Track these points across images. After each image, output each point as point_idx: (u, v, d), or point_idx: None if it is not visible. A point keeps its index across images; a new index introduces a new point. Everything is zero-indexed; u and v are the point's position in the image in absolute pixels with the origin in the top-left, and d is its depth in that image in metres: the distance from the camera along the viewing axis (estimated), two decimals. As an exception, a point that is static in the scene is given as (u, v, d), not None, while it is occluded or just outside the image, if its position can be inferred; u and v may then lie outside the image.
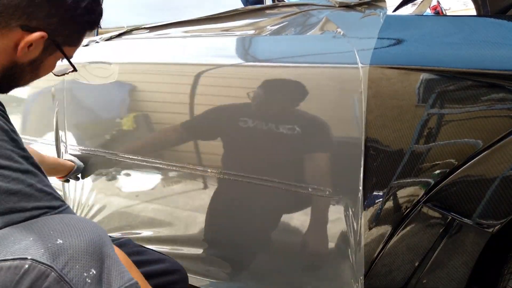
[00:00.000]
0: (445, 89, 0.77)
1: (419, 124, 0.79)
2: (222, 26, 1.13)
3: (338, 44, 0.89)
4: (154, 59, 1.21)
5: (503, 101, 0.72)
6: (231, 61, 1.04)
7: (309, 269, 1.01)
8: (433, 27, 0.83)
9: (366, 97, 0.83)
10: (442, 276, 0.84)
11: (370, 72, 0.82)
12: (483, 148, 0.75)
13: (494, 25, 0.80)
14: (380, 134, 0.83)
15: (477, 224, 0.77)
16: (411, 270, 0.87)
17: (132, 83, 1.22)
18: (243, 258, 1.12)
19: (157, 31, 1.26)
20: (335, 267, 0.96)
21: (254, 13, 1.08)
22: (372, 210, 0.87)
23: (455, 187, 0.79)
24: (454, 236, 0.81)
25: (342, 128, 0.87)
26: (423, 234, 0.84)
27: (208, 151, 1.10)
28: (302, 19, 0.99)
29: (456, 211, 0.79)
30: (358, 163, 0.85)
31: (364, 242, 0.89)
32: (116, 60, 1.26)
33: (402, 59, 0.80)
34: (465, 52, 0.76)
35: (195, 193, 1.16)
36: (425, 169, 0.81)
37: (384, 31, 0.85)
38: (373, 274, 0.91)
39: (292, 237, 1.01)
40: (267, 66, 0.97)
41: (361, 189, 0.87)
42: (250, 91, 1.01)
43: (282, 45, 0.98)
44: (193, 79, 1.10)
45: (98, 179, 1.41)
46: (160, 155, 1.19)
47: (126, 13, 1.47)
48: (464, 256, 0.81)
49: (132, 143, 1.26)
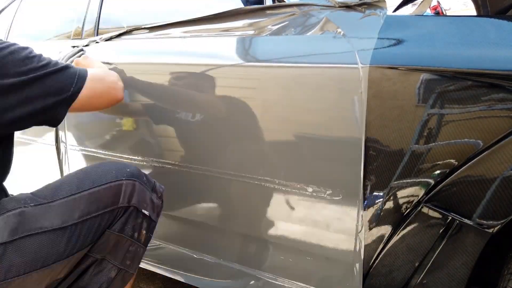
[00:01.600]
0: (445, 89, 0.77)
1: (419, 124, 0.79)
2: (222, 26, 1.13)
3: (338, 44, 0.89)
4: (154, 59, 1.21)
5: (503, 101, 0.72)
6: (231, 61, 1.04)
7: (309, 269, 1.01)
8: (433, 27, 0.83)
9: (366, 97, 0.83)
10: (442, 277, 0.84)
11: (370, 72, 0.82)
12: (483, 148, 0.75)
13: (494, 25, 0.80)
14: (380, 134, 0.83)
15: (477, 224, 0.77)
16: (411, 271, 0.87)
17: (132, 83, 1.22)
18: (242, 257, 1.12)
19: (157, 31, 1.26)
20: (335, 267, 0.96)
21: (254, 13, 1.08)
22: (372, 210, 0.87)
23: (455, 188, 0.79)
24: (454, 237, 0.81)
25: (342, 128, 0.87)
26: (423, 235, 0.84)
27: (208, 151, 1.10)
28: (302, 19, 0.99)
29: (456, 212, 0.79)
30: (358, 163, 0.85)
31: (364, 243, 0.89)
32: (116, 60, 1.26)
33: (402, 59, 0.80)
34: (465, 52, 0.76)
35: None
36: (425, 169, 0.81)
37: (384, 31, 0.85)
38: (373, 274, 0.91)
39: (292, 237, 1.01)
40: (267, 66, 0.97)
41: (361, 189, 0.87)
42: (250, 91, 1.01)
43: (282, 45, 0.98)
44: (193, 79, 1.10)
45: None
46: (165, 156, 1.19)
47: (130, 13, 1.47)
48: (464, 256, 0.81)
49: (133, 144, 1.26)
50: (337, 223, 0.92)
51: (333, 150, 0.90)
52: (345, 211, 0.90)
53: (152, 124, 1.19)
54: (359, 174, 0.86)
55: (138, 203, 0.90)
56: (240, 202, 1.07)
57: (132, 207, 0.89)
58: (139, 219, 0.91)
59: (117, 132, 1.28)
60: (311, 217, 0.96)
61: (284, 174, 0.97)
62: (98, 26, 1.45)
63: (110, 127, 1.31)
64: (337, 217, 0.92)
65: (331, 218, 0.93)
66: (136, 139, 1.25)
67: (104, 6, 1.47)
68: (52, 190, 0.87)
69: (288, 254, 1.03)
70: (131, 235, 0.90)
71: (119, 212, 0.88)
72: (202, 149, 1.11)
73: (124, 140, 1.27)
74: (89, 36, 1.45)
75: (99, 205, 0.85)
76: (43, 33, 1.70)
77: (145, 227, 0.92)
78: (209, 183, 1.11)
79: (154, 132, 1.20)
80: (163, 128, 1.17)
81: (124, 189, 0.88)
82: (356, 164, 0.86)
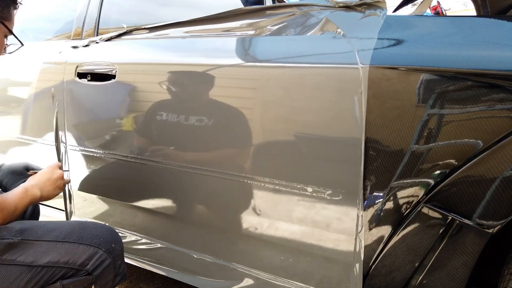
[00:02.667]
0: (445, 89, 0.77)
1: (419, 124, 0.79)
2: (222, 27, 1.13)
3: (338, 44, 0.89)
4: (154, 59, 1.21)
5: (503, 101, 0.72)
6: (231, 61, 1.04)
7: (309, 269, 1.01)
8: (433, 27, 0.83)
9: (366, 97, 0.83)
10: (442, 277, 0.84)
11: (370, 72, 0.82)
12: (483, 149, 0.75)
13: (494, 25, 0.80)
14: (380, 135, 0.83)
15: (477, 224, 0.77)
16: (411, 271, 0.87)
17: (132, 84, 1.22)
18: (242, 257, 1.12)
19: (157, 31, 1.26)
20: (335, 268, 0.96)
21: (254, 13, 1.08)
22: (372, 210, 0.87)
23: (455, 188, 0.79)
24: (454, 237, 0.80)
25: (342, 128, 0.87)
26: (423, 235, 0.84)
27: (208, 152, 1.10)
28: (302, 19, 0.99)
29: (456, 212, 0.79)
30: (358, 163, 0.85)
31: (364, 243, 0.89)
32: (116, 60, 1.26)
33: (402, 59, 0.80)
34: (465, 52, 0.76)
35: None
36: (425, 170, 0.81)
37: (384, 32, 0.85)
38: (373, 275, 0.91)
39: (292, 237, 1.01)
40: (267, 66, 0.97)
41: (361, 189, 0.87)
42: (250, 91, 1.01)
43: (282, 45, 0.98)
44: (192, 80, 1.10)
45: (97, 178, 1.41)
46: (165, 156, 1.19)
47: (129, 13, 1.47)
48: (464, 256, 0.81)
49: (134, 142, 1.26)
50: (337, 223, 0.92)
51: (333, 150, 0.90)
52: (345, 211, 0.90)
53: (153, 124, 1.19)
54: (359, 174, 0.86)
55: (98, 276, 0.94)
56: (240, 203, 1.07)
57: (92, 276, 0.93)
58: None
59: (117, 132, 1.28)
60: (311, 217, 0.96)
61: (284, 174, 0.97)
62: (98, 26, 1.45)
63: (110, 127, 1.31)
64: (337, 217, 0.92)
65: (331, 218, 0.93)
66: (136, 139, 1.25)
67: (104, 6, 1.47)
68: (45, 231, 0.93)
69: (288, 254, 1.03)
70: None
71: (82, 273, 0.92)
72: (202, 150, 1.11)
73: (124, 140, 1.27)
74: (89, 36, 1.45)
75: (71, 259, 0.91)
76: (43, 33, 1.70)
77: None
78: (209, 183, 1.11)
79: (154, 132, 1.20)
80: (163, 128, 1.17)
81: (97, 257, 0.93)
82: (356, 164, 0.86)
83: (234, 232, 1.11)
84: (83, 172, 1.42)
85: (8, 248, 0.86)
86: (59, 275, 0.89)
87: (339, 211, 0.91)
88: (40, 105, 1.49)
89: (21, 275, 0.86)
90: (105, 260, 0.94)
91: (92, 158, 1.36)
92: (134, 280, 1.68)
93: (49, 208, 1.64)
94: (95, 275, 0.92)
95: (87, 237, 0.94)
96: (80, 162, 1.41)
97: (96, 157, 1.35)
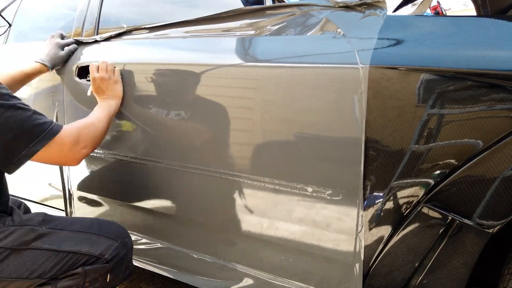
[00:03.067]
0: (445, 89, 0.77)
1: (419, 124, 0.79)
2: (222, 26, 1.13)
3: (338, 44, 0.89)
4: (154, 59, 1.21)
5: (503, 101, 0.72)
6: (231, 61, 1.04)
7: (309, 269, 1.01)
8: (433, 27, 0.83)
9: (366, 97, 0.83)
10: (442, 277, 0.84)
11: (370, 72, 0.82)
12: (483, 149, 0.75)
13: (494, 25, 0.80)
14: (380, 134, 0.83)
15: (477, 224, 0.77)
16: (411, 271, 0.87)
17: (132, 83, 1.22)
18: (242, 257, 1.12)
19: (157, 31, 1.26)
20: (335, 268, 0.96)
21: (254, 13, 1.08)
22: (372, 210, 0.87)
23: (455, 188, 0.79)
24: (454, 237, 0.81)
25: (342, 128, 0.87)
26: (423, 235, 0.84)
27: (209, 152, 1.10)
28: (302, 19, 0.99)
29: (456, 212, 0.79)
30: (358, 163, 0.85)
31: (364, 243, 0.89)
32: (116, 60, 1.26)
33: (402, 59, 0.80)
34: (465, 52, 0.76)
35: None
36: (425, 170, 0.81)
37: (384, 32, 0.85)
38: (373, 275, 0.91)
39: (292, 237, 1.01)
40: (267, 66, 0.97)
41: (361, 189, 0.87)
42: (250, 91, 1.01)
43: (282, 45, 0.98)
44: (193, 80, 1.10)
45: (101, 179, 1.41)
46: (165, 156, 1.19)
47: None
48: (464, 256, 0.81)
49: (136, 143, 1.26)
50: (337, 223, 0.92)
51: (333, 150, 0.90)
52: (345, 211, 0.90)
53: (153, 124, 1.19)
54: (359, 174, 0.86)
55: (114, 265, 1.03)
56: (240, 202, 1.07)
57: (109, 265, 1.02)
58: (104, 275, 1.02)
59: (117, 132, 1.28)
60: (311, 217, 0.96)
61: (284, 174, 0.97)
62: (98, 26, 1.45)
63: (110, 127, 1.31)
64: (337, 217, 0.92)
65: (331, 218, 0.93)
66: (136, 139, 1.25)
67: (104, 6, 1.47)
68: (67, 223, 1.04)
69: (288, 254, 1.03)
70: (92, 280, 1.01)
71: (102, 261, 1.01)
72: (202, 150, 1.11)
73: (124, 140, 1.27)
74: (89, 36, 1.45)
75: (92, 248, 1.01)
76: (43, 33, 1.70)
77: (99, 282, 1.02)
78: (209, 183, 1.11)
79: (155, 132, 1.20)
80: (163, 128, 1.17)
81: (114, 248, 1.04)
82: (356, 164, 0.86)
83: (234, 232, 1.11)
84: (83, 172, 1.42)
85: (38, 236, 0.97)
86: (82, 261, 0.99)
87: (339, 211, 0.91)
88: (39, 105, 1.49)
89: (48, 259, 0.96)
90: (121, 251, 1.04)
91: (92, 158, 1.36)
92: (134, 280, 1.68)
93: (49, 208, 1.64)
94: (112, 264, 1.02)
95: (105, 230, 1.05)
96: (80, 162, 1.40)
97: (96, 157, 1.35)
